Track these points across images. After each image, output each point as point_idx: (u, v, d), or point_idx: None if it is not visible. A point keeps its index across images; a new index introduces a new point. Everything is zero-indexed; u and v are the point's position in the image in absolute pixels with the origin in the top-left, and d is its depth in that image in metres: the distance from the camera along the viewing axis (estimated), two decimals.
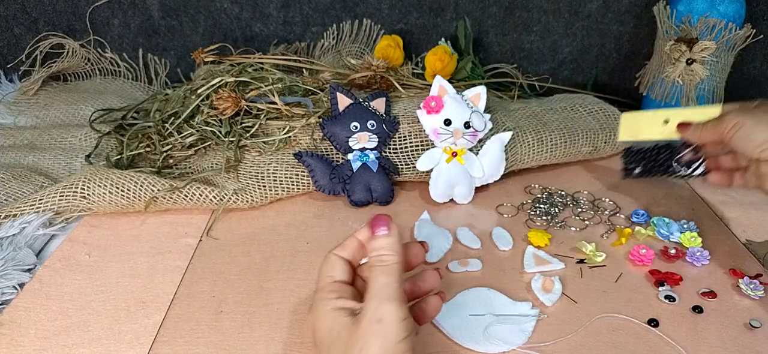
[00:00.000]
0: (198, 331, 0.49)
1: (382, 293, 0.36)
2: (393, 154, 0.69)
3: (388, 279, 0.36)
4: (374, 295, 0.36)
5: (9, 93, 0.93)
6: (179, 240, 0.61)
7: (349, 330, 0.35)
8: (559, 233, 0.62)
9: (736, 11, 0.76)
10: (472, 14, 0.93)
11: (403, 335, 0.35)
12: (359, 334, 0.35)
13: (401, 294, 0.36)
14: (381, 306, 0.35)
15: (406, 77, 0.83)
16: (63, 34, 0.95)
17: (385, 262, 0.37)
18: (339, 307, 0.37)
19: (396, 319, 0.35)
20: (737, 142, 0.51)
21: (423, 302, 0.42)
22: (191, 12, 0.94)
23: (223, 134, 0.70)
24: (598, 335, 0.48)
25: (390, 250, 0.38)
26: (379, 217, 0.39)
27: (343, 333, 0.36)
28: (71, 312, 0.51)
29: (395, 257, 0.38)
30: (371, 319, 0.35)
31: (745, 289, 0.53)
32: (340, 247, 0.41)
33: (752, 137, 0.50)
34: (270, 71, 0.77)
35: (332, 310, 0.37)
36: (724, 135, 0.52)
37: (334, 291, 0.38)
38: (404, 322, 0.35)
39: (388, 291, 0.36)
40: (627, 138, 0.63)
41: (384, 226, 0.39)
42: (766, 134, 0.49)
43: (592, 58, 0.96)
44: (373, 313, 0.35)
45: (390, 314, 0.35)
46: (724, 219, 0.66)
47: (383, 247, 0.38)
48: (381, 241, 0.38)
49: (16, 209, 0.63)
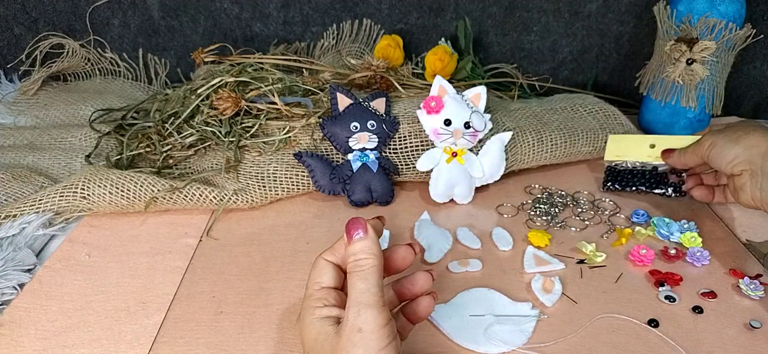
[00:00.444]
0: (198, 332, 0.49)
1: (361, 300, 0.35)
2: (393, 154, 0.69)
3: (366, 284, 0.36)
4: (353, 302, 0.35)
5: (9, 93, 0.93)
6: (179, 240, 0.61)
7: (332, 341, 0.35)
8: (559, 233, 0.62)
9: (736, 11, 0.75)
10: (472, 14, 0.93)
11: (386, 342, 0.34)
12: (341, 345, 0.34)
13: (381, 298, 0.36)
14: (360, 314, 0.34)
15: (406, 77, 0.83)
16: (63, 34, 0.95)
17: (362, 266, 0.36)
18: (324, 316, 0.37)
19: (376, 326, 0.34)
20: (713, 160, 0.58)
21: (414, 303, 0.41)
22: (191, 12, 0.94)
23: (223, 134, 0.70)
24: (598, 336, 0.48)
25: (367, 254, 0.37)
26: (355, 221, 0.38)
27: (326, 344, 0.35)
28: (71, 312, 0.51)
29: (372, 260, 0.37)
30: (352, 328, 0.34)
31: (745, 289, 0.53)
32: (329, 250, 0.39)
33: (724, 154, 0.56)
34: (270, 71, 0.77)
35: (318, 319, 0.37)
36: (703, 154, 0.59)
37: (321, 298, 0.38)
38: (386, 328, 0.34)
39: (366, 297, 0.35)
40: (613, 158, 0.69)
41: (360, 229, 0.37)
42: (736, 151, 0.55)
43: (592, 58, 0.96)
44: (353, 322, 0.34)
45: (370, 322, 0.34)
46: (724, 219, 0.66)
47: (360, 251, 0.37)
48: (357, 246, 0.37)
49: (16, 209, 0.63)
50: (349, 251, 0.37)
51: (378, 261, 0.37)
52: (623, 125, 0.78)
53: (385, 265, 0.41)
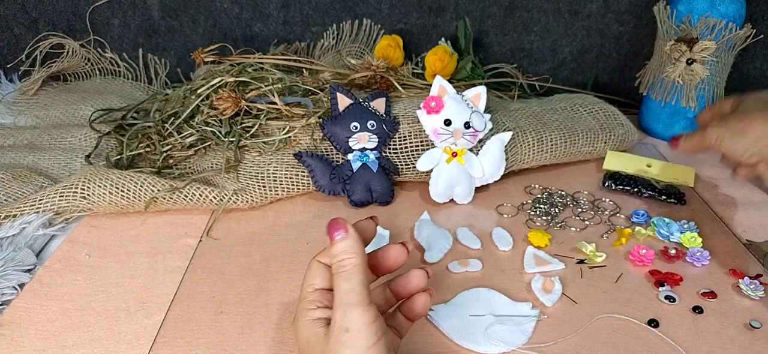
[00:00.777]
0: (198, 332, 0.49)
1: (346, 300, 0.35)
2: (393, 154, 0.69)
3: (350, 284, 0.36)
4: (339, 304, 0.35)
5: (9, 93, 0.93)
6: (179, 240, 0.61)
7: (322, 343, 0.35)
8: (559, 233, 0.62)
9: (736, 11, 0.76)
10: (472, 14, 0.93)
11: (374, 339, 0.34)
12: (330, 347, 0.34)
13: (366, 296, 0.36)
14: (346, 314, 0.35)
15: (406, 77, 0.83)
16: (63, 34, 0.95)
17: (345, 267, 0.36)
18: (317, 317, 0.37)
19: (363, 324, 0.34)
20: (725, 153, 0.59)
21: (410, 301, 0.41)
22: (191, 12, 0.94)
23: (223, 134, 0.70)
24: (598, 336, 0.48)
25: (349, 253, 0.37)
26: (335, 222, 0.38)
27: (317, 346, 0.36)
28: (71, 312, 0.51)
29: (355, 259, 0.37)
30: (340, 329, 0.34)
31: (745, 289, 0.53)
32: (322, 252, 0.39)
33: (735, 148, 0.58)
34: (270, 71, 0.77)
35: (310, 321, 0.37)
36: (713, 146, 0.60)
37: (314, 300, 0.38)
38: (373, 326, 0.35)
39: (351, 297, 0.35)
40: (611, 168, 0.73)
41: (340, 229, 0.37)
42: (745, 143, 0.57)
43: (592, 58, 0.96)
44: (340, 322, 0.35)
45: (356, 322, 0.34)
46: (724, 219, 0.66)
47: (342, 252, 0.37)
48: (339, 246, 0.37)
49: (16, 209, 0.63)
50: (332, 253, 0.37)
51: (361, 259, 0.37)
52: (623, 125, 0.78)
53: (378, 265, 0.41)
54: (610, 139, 0.75)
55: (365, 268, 0.37)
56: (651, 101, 0.85)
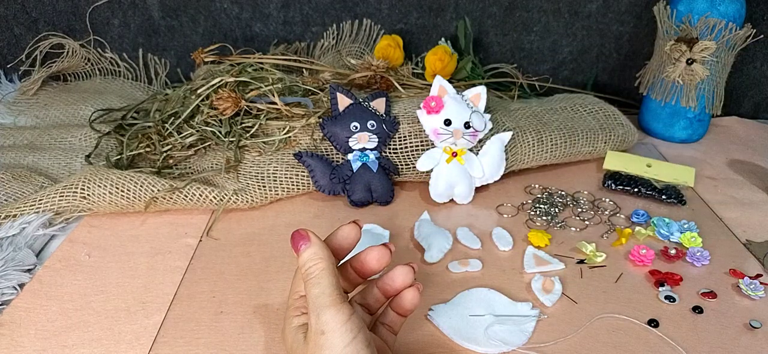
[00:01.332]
0: (198, 332, 0.49)
1: (318, 304, 0.36)
2: (393, 154, 0.69)
3: (320, 288, 0.36)
4: (312, 308, 0.36)
5: (9, 93, 0.93)
6: (179, 240, 0.61)
7: (302, 349, 0.36)
8: (559, 233, 0.62)
9: (736, 11, 0.76)
10: (472, 14, 0.93)
11: (349, 337, 0.35)
12: (309, 352, 0.35)
13: (337, 296, 0.36)
14: (320, 317, 0.35)
15: (406, 77, 0.83)
16: (63, 34, 0.95)
17: (312, 273, 0.37)
18: (300, 324, 0.38)
19: (337, 324, 0.35)
20: None
21: (399, 298, 0.42)
22: (191, 12, 0.94)
23: (223, 134, 0.70)
24: (598, 336, 0.48)
25: (314, 260, 0.38)
26: (297, 234, 0.39)
27: (298, 352, 0.37)
28: (71, 312, 0.51)
29: (321, 264, 0.37)
30: (315, 333, 0.35)
31: (745, 289, 0.53)
32: None
33: None
34: (270, 71, 0.77)
35: (294, 327, 0.38)
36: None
37: (299, 307, 0.39)
38: (347, 324, 0.35)
39: (322, 300, 0.36)
40: (611, 168, 0.73)
41: (302, 241, 0.38)
42: None
43: (592, 58, 0.96)
44: (315, 326, 0.35)
45: (330, 322, 0.35)
46: (724, 219, 0.66)
47: (308, 260, 0.38)
48: (304, 256, 0.38)
49: (16, 209, 0.63)
50: (299, 263, 0.38)
51: (327, 263, 0.38)
52: (623, 125, 0.78)
53: (361, 268, 0.41)
54: (610, 139, 0.75)
55: (333, 270, 0.38)
56: (651, 101, 0.85)
